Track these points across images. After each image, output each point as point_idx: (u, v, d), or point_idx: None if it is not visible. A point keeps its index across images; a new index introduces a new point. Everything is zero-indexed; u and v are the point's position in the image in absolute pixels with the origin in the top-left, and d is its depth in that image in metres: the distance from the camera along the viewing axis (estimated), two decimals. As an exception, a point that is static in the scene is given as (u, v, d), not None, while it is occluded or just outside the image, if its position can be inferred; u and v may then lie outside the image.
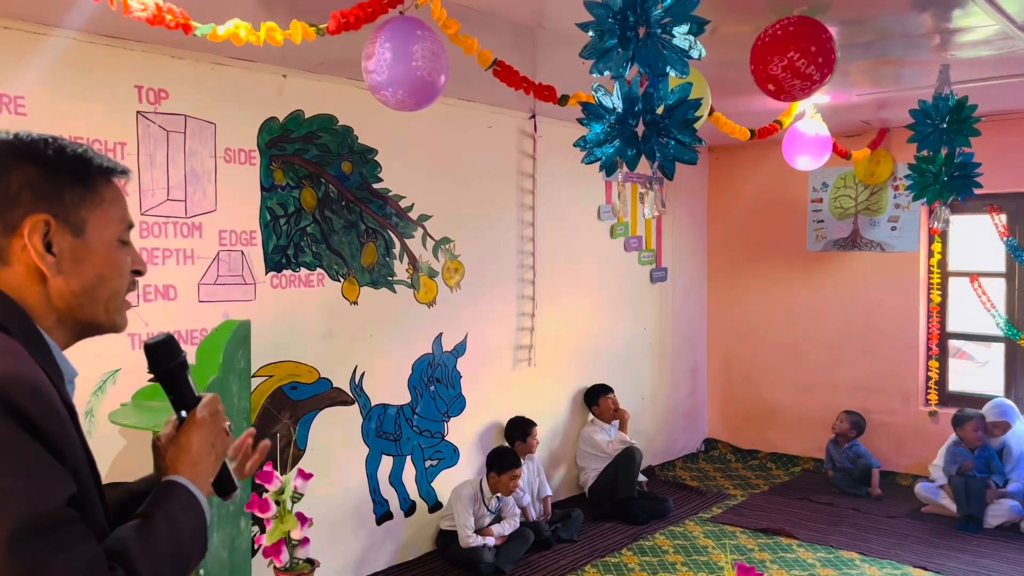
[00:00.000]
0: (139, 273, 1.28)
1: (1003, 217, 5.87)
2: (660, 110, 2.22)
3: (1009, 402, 5.55)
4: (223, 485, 1.34)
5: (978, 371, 7.85)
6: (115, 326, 1.25)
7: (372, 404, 4.47)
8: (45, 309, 1.17)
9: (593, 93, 2.29)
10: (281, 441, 3.99)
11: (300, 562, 3.42)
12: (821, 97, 4.72)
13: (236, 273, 3.85)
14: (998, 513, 5.16)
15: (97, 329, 1.24)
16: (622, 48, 2.20)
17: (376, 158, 4.41)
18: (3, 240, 1.14)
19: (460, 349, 4.98)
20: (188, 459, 1.27)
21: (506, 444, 5.12)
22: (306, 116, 4.09)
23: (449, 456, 4.94)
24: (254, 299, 3.91)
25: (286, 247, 4.05)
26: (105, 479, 1.23)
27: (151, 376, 1.34)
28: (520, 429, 5.16)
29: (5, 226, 1.14)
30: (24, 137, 1.17)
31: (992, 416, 5.43)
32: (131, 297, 1.30)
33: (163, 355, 1.30)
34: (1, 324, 1.12)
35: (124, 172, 1.26)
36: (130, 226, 1.27)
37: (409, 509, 4.71)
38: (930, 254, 6.15)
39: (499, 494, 4.73)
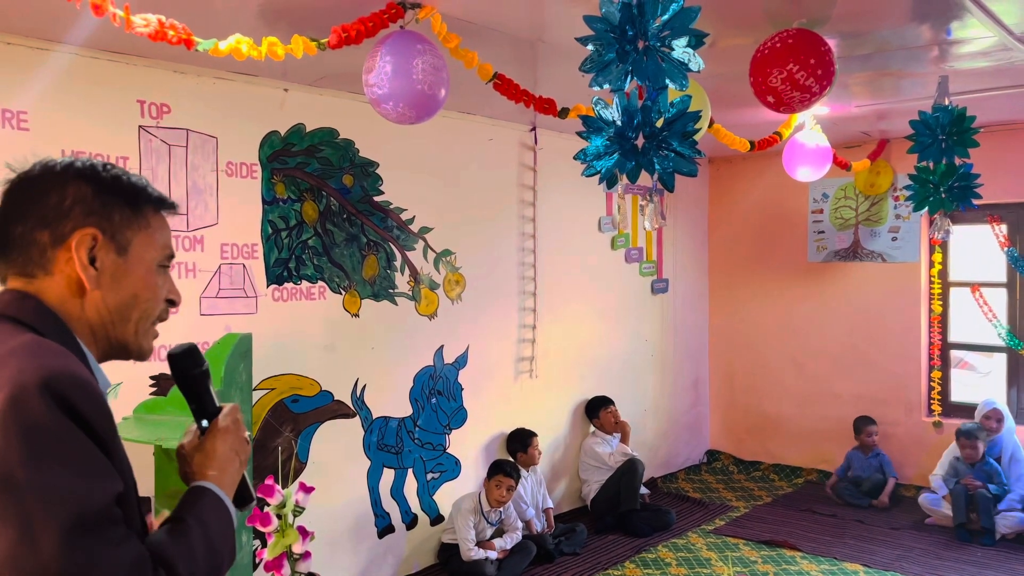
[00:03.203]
0: (173, 304, 1.31)
1: (1003, 227, 5.87)
2: (659, 123, 2.23)
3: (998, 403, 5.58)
4: (241, 495, 1.35)
5: (980, 381, 7.83)
6: (141, 350, 1.29)
7: (373, 417, 4.47)
8: (81, 322, 1.21)
9: (593, 106, 2.30)
10: (283, 454, 3.99)
11: (302, 576, 3.41)
12: (821, 109, 4.74)
13: (238, 286, 3.86)
14: (1003, 523, 5.14)
15: (124, 350, 1.27)
16: (621, 61, 2.22)
17: (377, 171, 4.43)
18: (51, 251, 1.19)
19: (461, 361, 4.98)
20: (215, 465, 1.29)
21: (508, 455, 5.12)
22: (307, 130, 4.11)
23: (451, 469, 4.92)
24: (256, 312, 3.92)
25: (288, 260, 4.05)
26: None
27: (153, 388, 1.35)
28: (521, 440, 5.15)
29: (54, 237, 1.19)
30: (85, 161, 1.24)
31: (984, 411, 5.48)
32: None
33: (187, 364, 1.33)
34: (45, 335, 1.15)
35: (173, 207, 1.32)
36: (171, 256, 1.31)
37: (411, 522, 4.69)
38: (931, 264, 6.15)
39: (499, 505, 4.72)
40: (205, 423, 1.33)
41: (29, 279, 1.19)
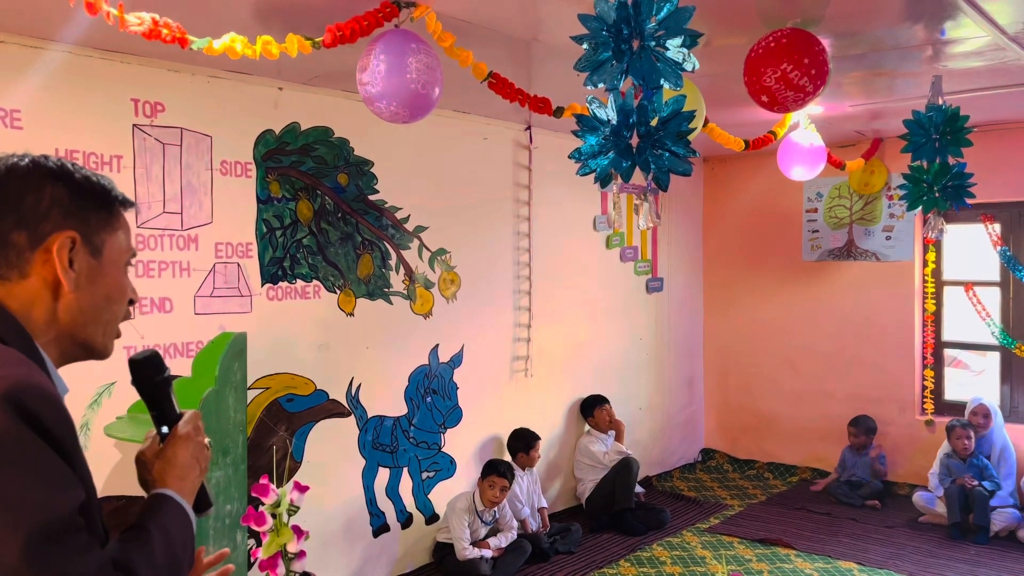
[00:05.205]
0: (132, 302, 1.32)
1: (997, 226, 5.89)
2: (654, 122, 2.23)
3: (986, 399, 5.62)
4: (199, 501, 1.36)
5: (974, 380, 7.86)
6: (105, 350, 1.29)
7: (369, 416, 4.46)
8: (48, 324, 1.20)
9: (588, 105, 2.30)
10: (277, 454, 3.98)
11: (296, 575, 3.41)
12: (815, 108, 4.75)
13: (232, 285, 3.85)
14: (996, 520, 5.16)
15: (89, 351, 1.27)
16: (616, 61, 2.22)
17: (372, 170, 4.43)
18: (28, 253, 1.18)
19: (456, 360, 4.98)
20: (176, 472, 1.30)
21: (506, 454, 5.12)
22: (302, 128, 4.10)
23: (446, 468, 4.92)
24: (250, 311, 3.91)
25: (282, 259, 4.05)
26: (101, 492, 1.25)
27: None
28: (524, 440, 5.16)
29: (32, 239, 1.18)
30: (54, 160, 1.23)
31: (972, 407, 5.54)
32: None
33: (148, 370, 1.32)
34: (5, 340, 1.14)
35: (133, 205, 1.33)
36: (134, 255, 1.33)
37: (406, 521, 4.69)
38: (925, 263, 6.17)
39: (493, 505, 4.72)
40: (165, 429, 1.33)
41: (2, 281, 1.18)
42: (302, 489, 3.51)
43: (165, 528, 1.21)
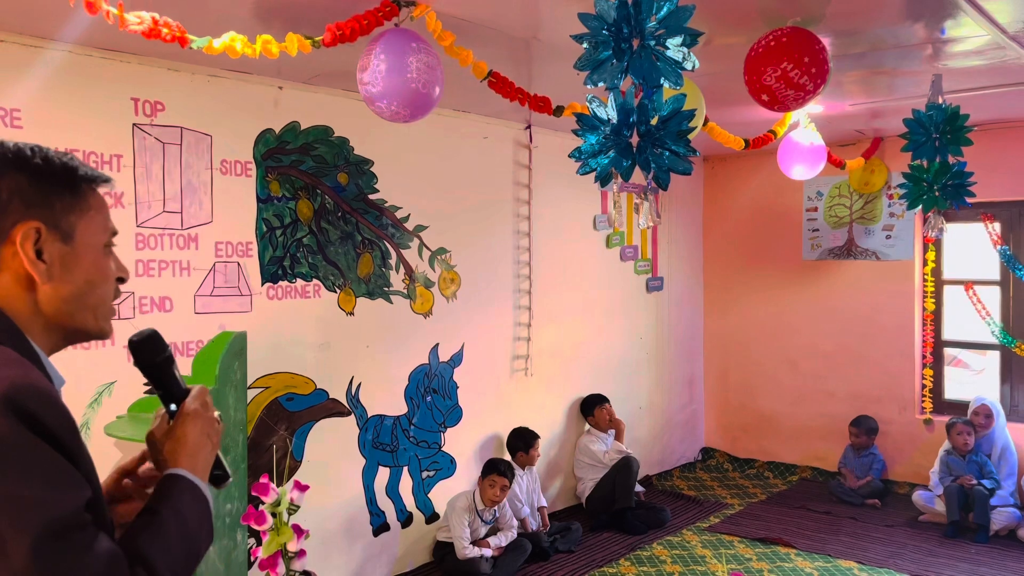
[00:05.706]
0: (122, 280, 1.29)
1: (997, 225, 5.89)
2: (654, 121, 2.23)
3: (989, 399, 5.61)
4: (216, 474, 1.34)
5: (974, 379, 7.86)
6: (103, 332, 1.26)
7: (369, 415, 4.46)
8: (33, 317, 1.17)
9: (588, 104, 2.30)
10: (277, 453, 3.98)
11: (297, 574, 3.41)
12: (815, 107, 4.75)
13: (232, 284, 3.85)
14: (996, 519, 5.17)
15: (85, 336, 1.25)
16: (617, 60, 2.22)
17: (372, 169, 4.42)
18: None
19: (456, 359, 4.98)
20: (186, 450, 1.27)
21: (506, 453, 5.12)
22: (302, 128, 4.10)
23: (446, 467, 4.93)
24: (250, 310, 3.91)
25: (282, 258, 4.05)
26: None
27: (147, 387, 1.34)
28: (524, 439, 5.16)
29: None
30: (10, 146, 1.18)
31: (974, 407, 5.54)
32: (127, 309, 1.31)
33: (149, 350, 1.31)
34: None
35: (107, 180, 1.27)
36: (114, 233, 1.28)
37: (406, 520, 4.69)
38: (925, 262, 6.17)
39: (493, 504, 4.72)
40: (174, 407, 1.32)
41: None
42: (302, 488, 3.51)
43: (178, 509, 1.20)
